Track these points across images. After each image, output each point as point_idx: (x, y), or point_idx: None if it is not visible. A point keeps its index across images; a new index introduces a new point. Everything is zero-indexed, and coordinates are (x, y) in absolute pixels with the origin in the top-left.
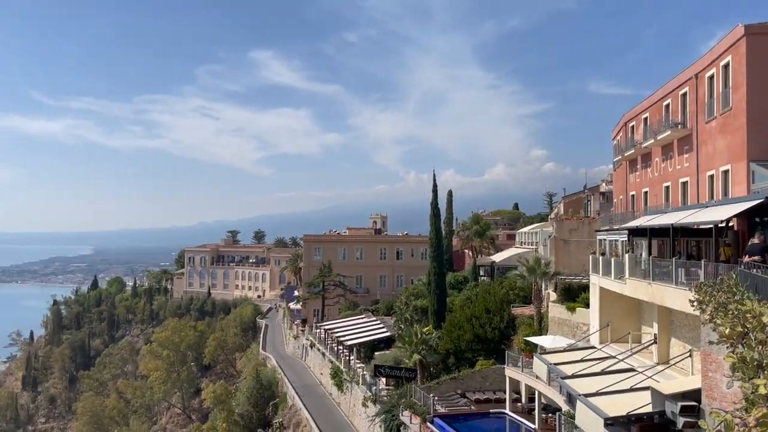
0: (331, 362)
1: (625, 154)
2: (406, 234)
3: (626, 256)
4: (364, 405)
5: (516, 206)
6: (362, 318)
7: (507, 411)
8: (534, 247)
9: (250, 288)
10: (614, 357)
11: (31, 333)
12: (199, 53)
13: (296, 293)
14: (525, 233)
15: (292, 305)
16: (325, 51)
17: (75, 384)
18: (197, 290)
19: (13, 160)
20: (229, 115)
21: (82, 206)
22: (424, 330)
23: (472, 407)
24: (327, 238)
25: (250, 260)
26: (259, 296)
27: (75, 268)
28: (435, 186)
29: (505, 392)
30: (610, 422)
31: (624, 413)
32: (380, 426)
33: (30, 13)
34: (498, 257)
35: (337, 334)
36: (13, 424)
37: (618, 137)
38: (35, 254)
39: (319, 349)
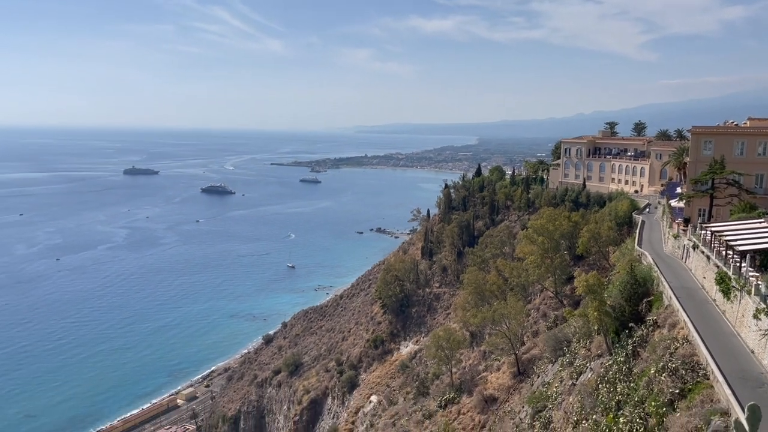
0: (717, 267)
1: None
2: None
3: None
4: (756, 317)
5: None
6: (761, 222)
7: None
8: None
9: (626, 182)
10: None
11: (428, 211)
12: None
13: (679, 190)
14: None
15: (673, 203)
16: None
17: (462, 258)
18: (572, 182)
19: (413, 58)
20: None
21: (467, 99)
22: None
23: None
24: (721, 130)
25: (628, 153)
26: (636, 191)
27: (462, 157)
28: None
29: None
30: None
31: None
32: None
33: None
34: None
35: (727, 238)
36: (415, 284)
37: None
38: (430, 143)
39: (702, 252)
